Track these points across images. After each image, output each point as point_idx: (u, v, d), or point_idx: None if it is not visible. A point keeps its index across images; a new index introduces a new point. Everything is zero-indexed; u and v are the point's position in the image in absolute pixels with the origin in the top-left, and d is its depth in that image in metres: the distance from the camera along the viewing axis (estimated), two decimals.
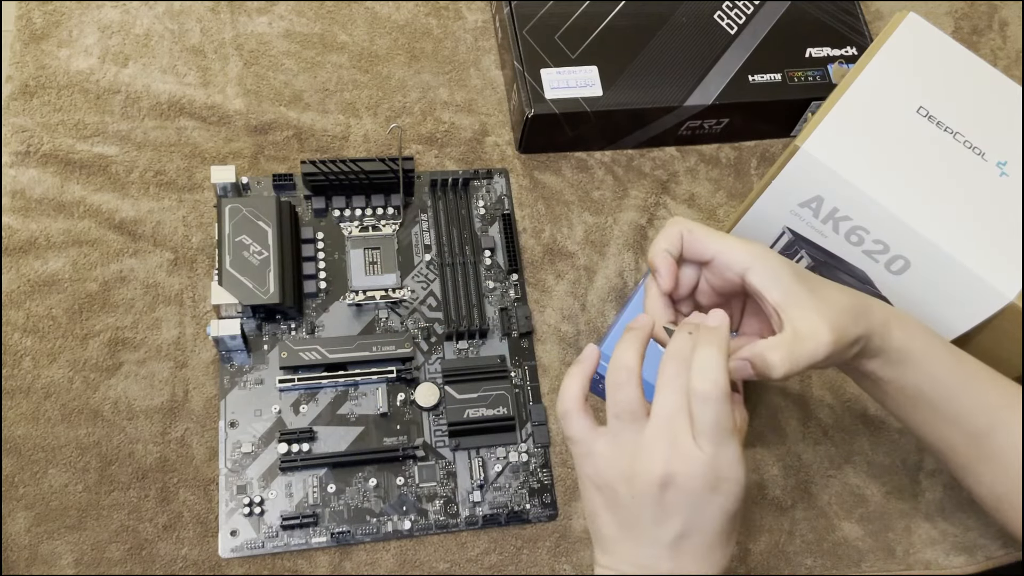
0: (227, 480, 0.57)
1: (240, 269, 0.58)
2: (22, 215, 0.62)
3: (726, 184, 0.70)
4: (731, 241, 0.45)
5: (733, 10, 0.70)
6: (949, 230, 0.51)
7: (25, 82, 0.66)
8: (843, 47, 0.70)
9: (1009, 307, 0.50)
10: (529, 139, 0.68)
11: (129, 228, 0.63)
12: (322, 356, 0.59)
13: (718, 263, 0.45)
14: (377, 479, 0.58)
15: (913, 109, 0.54)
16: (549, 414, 0.61)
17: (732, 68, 0.68)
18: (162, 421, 0.58)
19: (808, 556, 0.60)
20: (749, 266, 0.44)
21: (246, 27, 0.70)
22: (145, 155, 0.65)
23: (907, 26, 0.56)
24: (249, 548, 0.55)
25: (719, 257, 0.45)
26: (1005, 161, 0.53)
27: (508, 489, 0.59)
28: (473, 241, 0.65)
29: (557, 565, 0.58)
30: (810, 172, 0.53)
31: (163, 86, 0.67)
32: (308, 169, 0.62)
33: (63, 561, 0.54)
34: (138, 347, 0.59)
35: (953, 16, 0.80)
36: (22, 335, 0.59)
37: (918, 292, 0.54)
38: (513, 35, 0.67)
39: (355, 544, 0.56)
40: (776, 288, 0.44)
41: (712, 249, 0.45)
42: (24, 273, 0.60)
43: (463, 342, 0.62)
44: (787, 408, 0.63)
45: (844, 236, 0.55)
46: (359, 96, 0.69)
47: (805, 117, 0.70)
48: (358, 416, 0.59)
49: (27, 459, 0.56)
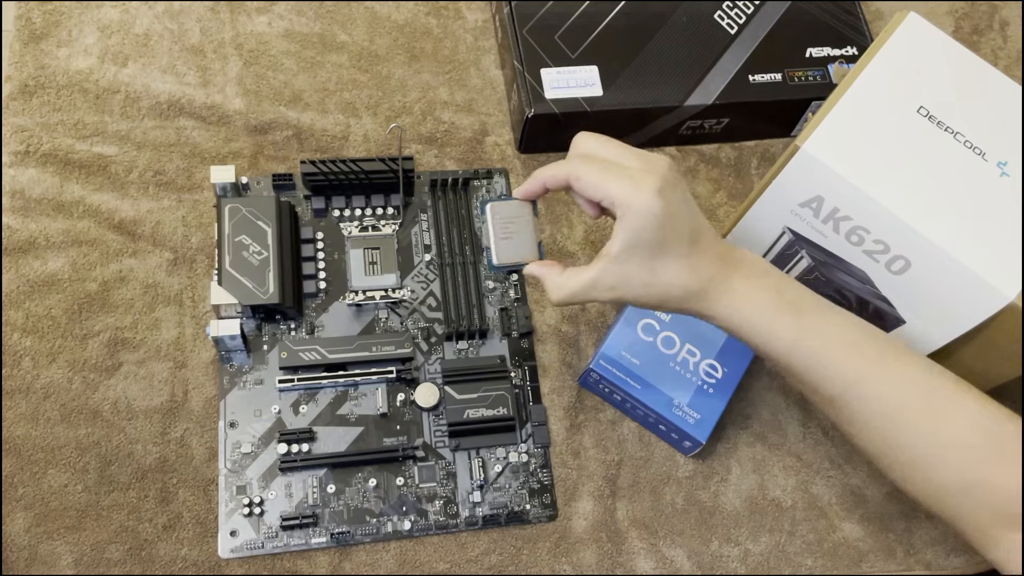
0: (227, 480, 0.57)
1: (240, 269, 0.58)
2: (22, 215, 0.62)
3: (726, 184, 0.70)
4: (615, 189, 0.47)
5: (733, 10, 0.70)
6: (949, 230, 0.51)
7: (25, 82, 0.66)
8: (843, 47, 0.70)
9: (1009, 307, 0.50)
10: (529, 139, 0.68)
11: (129, 228, 0.63)
12: (322, 356, 0.59)
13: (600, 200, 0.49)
14: (377, 479, 0.58)
15: (913, 109, 0.54)
16: (549, 414, 0.61)
17: (732, 68, 0.68)
18: (162, 421, 0.58)
19: (808, 556, 0.60)
20: (623, 215, 0.47)
21: (246, 27, 0.70)
22: (145, 155, 0.65)
23: (907, 26, 0.56)
24: (249, 548, 0.55)
25: (603, 201, 0.48)
26: (1005, 161, 0.53)
27: (508, 489, 0.59)
28: (473, 241, 0.65)
29: (557, 565, 0.57)
30: (810, 172, 0.53)
31: (163, 86, 0.67)
32: (308, 169, 0.62)
33: (63, 561, 0.54)
34: (138, 347, 0.59)
35: (953, 16, 0.80)
36: (22, 335, 0.59)
37: (918, 292, 0.54)
38: (513, 35, 0.67)
39: (355, 544, 0.56)
40: (629, 240, 0.48)
41: (597, 197, 0.48)
42: (24, 273, 0.60)
43: (463, 342, 0.62)
44: (787, 408, 0.63)
45: (844, 236, 0.55)
46: (359, 96, 0.69)
47: (805, 117, 0.70)
48: (358, 416, 0.59)
49: (27, 459, 0.56)
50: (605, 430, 0.61)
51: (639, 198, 0.46)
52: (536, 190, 0.52)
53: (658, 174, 0.47)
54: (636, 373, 0.59)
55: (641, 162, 0.48)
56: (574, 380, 0.63)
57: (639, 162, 0.48)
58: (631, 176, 0.47)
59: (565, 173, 0.49)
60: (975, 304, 0.51)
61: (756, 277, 0.49)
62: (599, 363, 0.59)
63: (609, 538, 0.59)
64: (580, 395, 0.62)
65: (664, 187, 0.47)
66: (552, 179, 0.50)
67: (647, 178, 0.47)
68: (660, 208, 0.46)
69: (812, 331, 0.48)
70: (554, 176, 0.50)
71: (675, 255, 0.48)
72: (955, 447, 0.47)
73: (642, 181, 0.47)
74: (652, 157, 0.49)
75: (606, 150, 0.50)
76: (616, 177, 0.47)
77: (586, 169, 0.48)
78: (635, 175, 0.47)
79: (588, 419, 0.62)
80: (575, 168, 0.49)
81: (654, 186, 0.46)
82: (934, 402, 0.48)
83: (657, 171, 0.47)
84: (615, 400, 0.61)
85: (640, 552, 0.58)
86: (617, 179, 0.47)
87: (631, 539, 0.59)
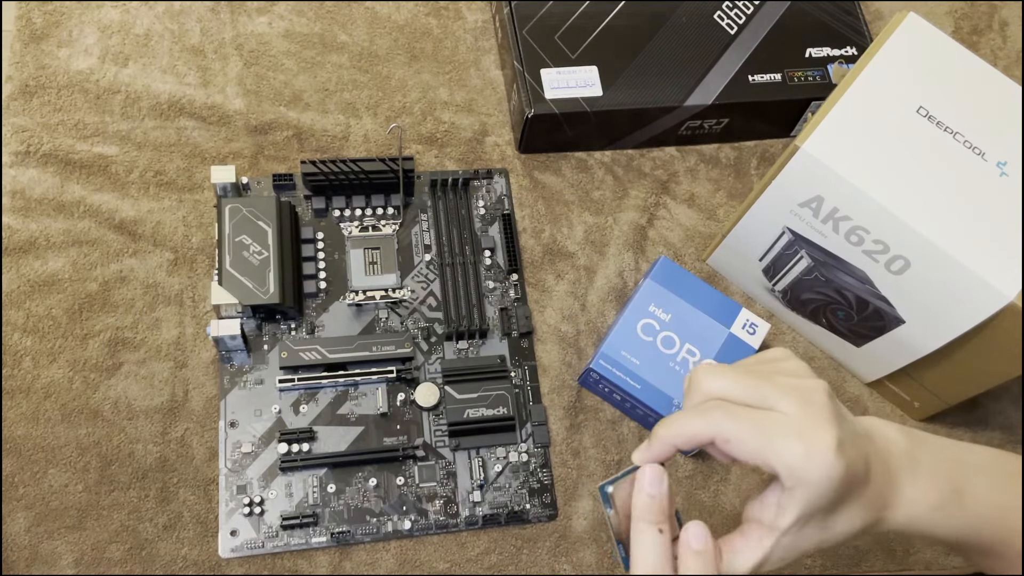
0: (227, 480, 0.57)
1: (240, 269, 0.58)
2: (22, 215, 0.62)
3: (726, 184, 0.70)
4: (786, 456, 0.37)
5: (733, 10, 0.70)
6: (949, 230, 0.51)
7: (25, 82, 0.66)
8: (843, 47, 0.70)
9: (1009, 307, 0.50)
10: (529, 139, 0.68)
11: (129, 228, 0.63)
12: (322, 356, 0.59)
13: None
14: (377, 479, 0.58)
15: (913, 109, 0.54)
16: (549, 414, 0.61)
17: (732, 68, 0.68)
18: (162, 421, 0.58)
19: (808, 556, 0.60)
20: (793, 486, 0.37)
21: (246, 27, 0.70)
22: (145, 155, 0.65)
23: (907, 26, 0.56)
24: (249, 548, 0.55)
25: (763, 467, 0.38)
26: (1005, 161, 0.53)
27: (508, 489, 0.59)
28: (473, 241, 0.65)
29: (557, 565, 0.58)
30: (810, 172, 0.53)
31: (163, 86, 0.67)
32: (308, 169, 0.62)
33: (63, 561, 0.54)
34: (138, 347, 0.60)
35: (953, 16, 0.80)
36: (22, 335, 0.59)
37: (918, 292, 0.54)
38: (513, 35, 0.67)
39: (355, 544, 0.56)
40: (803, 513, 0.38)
41: (756, 463, 0.38)
42: (24, 273, 0.60)
43: (463, 342, 0.62)
44: None
45: (844, 236, 0.55)
46: (359, 96, 0.70)
47: (805, 117, 0.70)
48: (358, 416, 0.59)
49: (27, 459, 0.56)
50: (605, 430, 0.62)
51: (816, 466, 0.37)
52: (667, 455, 0.40)
53: (827, 420, 0.37)
54: (636, 373, 0.59)
55: (800, 404, 0.38)
56: (574, 380, 0.63)
57: (797, 404, 0.38)
58: (799, 435, 0.37)
59: (709, 434, 0.38)
60: (975, 304, 0.51)
61: (920, 476, 0.41)
62: (599, 363, 0.59)
63: (609, 538, 0.59)
64: (580, 395, 0.62)
65: (842, 440, 0.37)
66: (689, 442, 0.39)
67: (817, 433, 0.37)
68: (841, 471, 0.37)
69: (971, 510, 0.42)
70: (692, 438, 0.39)
71: (854, 506, 0.39)
72: None
73: (814, 440, 0.37)
74: (805, 388, 0.39)
75: (742, 389, 0.39)
76: (780, 437, 0.37)
77: (736, 428, 0.38)
78: (803, 431, 0.37)
79: (588, 419, 0.62)
80: (719, 426, 0.38)
81: (830, 445, 0.37)
82: None
83: (822, 414, 0.38)
84: (615, 400, 0.61)
85: None
86: (783, 441, 0.37)
87: None
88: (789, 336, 0.66)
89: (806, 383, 0.39)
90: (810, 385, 0.39)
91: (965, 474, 0.42)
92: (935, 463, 0.42)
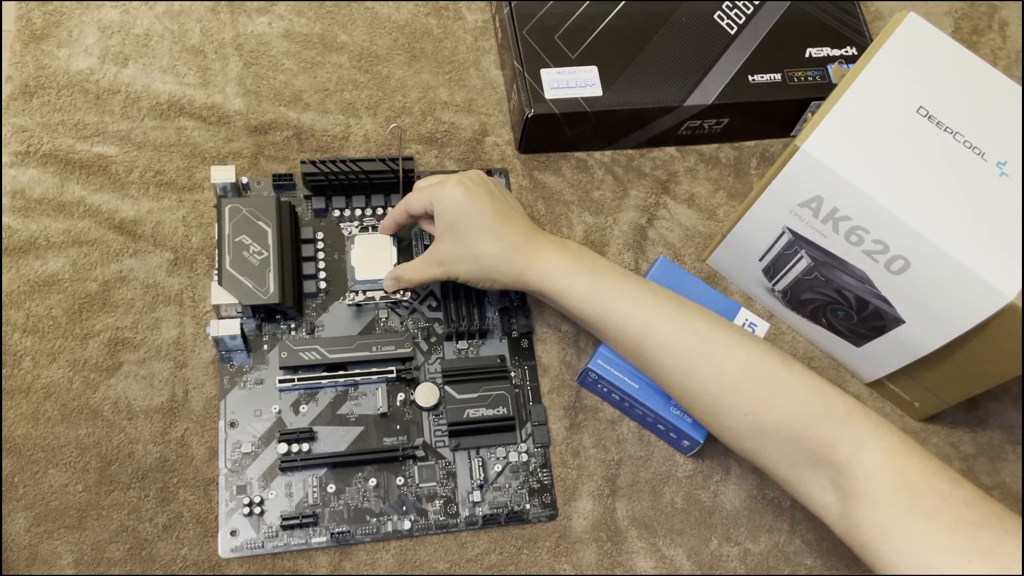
0: (227, 480, 0.57)
1: (240, 269, 0.58)
2: (22, 215, 0.62)
3: (726, 184, 0.70)
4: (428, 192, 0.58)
5: (733, 10, 0.70)
6: (949, 230, 0.51)
7: (25, 82, 0.66)
8: (843, 47, 0.70)
9: (1009, 307, 0.50)
10: (529, 139, 0.68)
11: (129, 228, 0.63)
12: (322, 356, 0.59)
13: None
14: (377, 479, 0.58)
15: (913, 109, 0.54)
16: (549, 414, 0.61)
17: (732, 68, 0.68)
18: (162, 421, 0.58)
19: (808, 556, 0.60)
20: (436, 207, 0.58)
21: (246, 27, 0.70)
22: (145, 155, 0.65)
23: (907, 26, 0.56)
24: (249, 548, 0.55)
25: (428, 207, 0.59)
26: (1005, 161, 0.53)
27: (508, 489, 0.59)
28: None
29: (557, 565, 0.58)
30: (810, 172, 0.53)
31: (163, 86, 0.67)
32: (308, 169, 0.62)
33: (63, 561, 0.54)
34: (138, 347, 0.60)
35: (953, 16, 0.80)
36: (22, 335, 0.59)
37: (918, 292, 0.54)
38: (513, 35, 0.67)
39: (355, 544, 0.56)
40: (442, 223, 0.57)
41: (423, 205, 0.59)
42: (24, 273, 0.60)
43: (463, 342, 0.62)
44: None
45: (844, 236, 0.55)
46: (359, 96, 0.70)
47: (805, 117, 0.70)
48: (358, 416, 0.59)
49: (27, 459, 0.56)
50: (605, 430, 0.62)
51: (444, 190, 0.57)
52: (390, 227, 0.63)
53: (462, 175, 0.58)
54: (634, 372, 0.59)
55: (452, 174, 0.59)
56: (574, 380, 0.63)
57: (451, 175, 0.59)
58: (440, 180, 0.58)
59: (403, 207, 0.60)
60: (975, 304, 0.51)
61: (558, 247, 0.57)
62: (597, 362, 0.59)
63: (609, 537, 0.59)
64: (580, 395, 0.62)
65: (464, 180, 0.57)
66: (399, 215, 0.61)
67: (452, 177, 0.58)
68: (461, 194, 0.56)
69: (604, 288, 0.55)
70: (398, 213, 0.61)
71: (482, 229, 0.56)
72: (734, 390, 0.51)
73: (447, 180, 0.57)
74: (463, 173, 0.59)
75: (429, 179, 0.61)
76: (429, 185, 0.59)
77: (412, 195, 0.59)
78: (443, 179, 0.58)
79: (588, 419, 0.62)
80: (406, 200, 0.60)
81: (455, 180, 0.57)
82: (712, 349, 0.52)
83: (462, 174, 0.58)
84: (614, 399, 0.61)
85: (640, 551, 0.59)
86: (430, 186, 0.59)
87: (631, 538, 0.59)
88: (789, 336, 0.66)
89: (468, 172, 0.59)
90: (468, 172, 0.59)
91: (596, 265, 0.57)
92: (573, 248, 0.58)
